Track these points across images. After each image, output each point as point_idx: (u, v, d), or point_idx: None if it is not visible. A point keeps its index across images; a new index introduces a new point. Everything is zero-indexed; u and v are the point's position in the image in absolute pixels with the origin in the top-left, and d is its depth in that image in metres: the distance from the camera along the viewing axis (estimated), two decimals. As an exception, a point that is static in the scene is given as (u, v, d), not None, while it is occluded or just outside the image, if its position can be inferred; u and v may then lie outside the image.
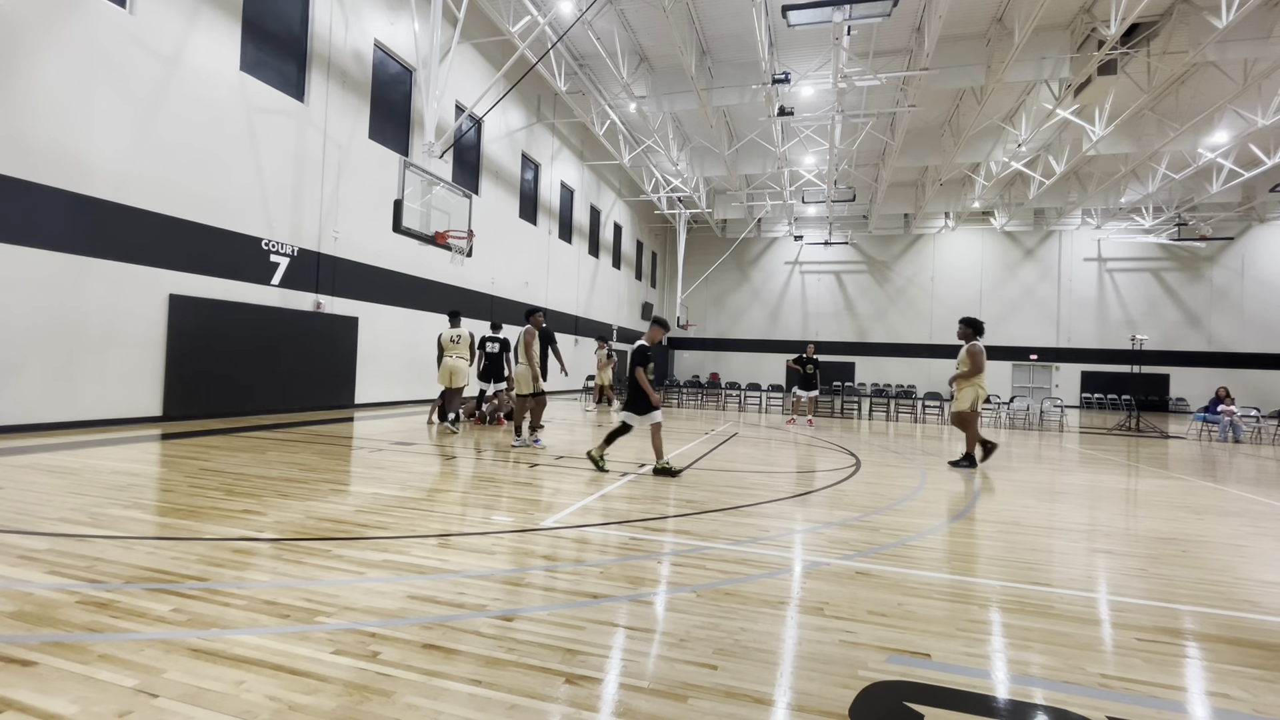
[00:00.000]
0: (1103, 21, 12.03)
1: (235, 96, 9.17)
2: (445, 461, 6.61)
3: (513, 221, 16.96)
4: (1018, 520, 4.97)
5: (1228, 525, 5.16)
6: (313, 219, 10.65)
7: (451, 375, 8.99)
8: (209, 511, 4.07)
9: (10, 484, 4.57)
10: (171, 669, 2.07)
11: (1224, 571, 3.81)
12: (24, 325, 6.84)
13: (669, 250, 31.88)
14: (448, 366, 8.99)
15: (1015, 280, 27.87)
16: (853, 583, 3.25)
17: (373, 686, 2.02)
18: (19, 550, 3.16)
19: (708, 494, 5.48)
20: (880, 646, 2.49)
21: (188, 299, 8.54)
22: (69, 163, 7.19)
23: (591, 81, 16.26)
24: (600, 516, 4.46)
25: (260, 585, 2.85)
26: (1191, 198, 22.30)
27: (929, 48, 12.30)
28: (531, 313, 7.88)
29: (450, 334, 9.08)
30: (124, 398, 7.89)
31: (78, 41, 7.23)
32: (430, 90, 10.09)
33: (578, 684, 2.10)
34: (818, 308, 30.02)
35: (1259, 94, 15.03)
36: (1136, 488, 7.03)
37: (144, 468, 5.43)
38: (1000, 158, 18.86)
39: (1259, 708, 2.15)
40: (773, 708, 2.01)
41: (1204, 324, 26.09)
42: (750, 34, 13.72)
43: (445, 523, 4.10)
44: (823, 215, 28.04)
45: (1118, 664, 2.44)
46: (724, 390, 20.35)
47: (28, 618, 2.41)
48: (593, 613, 2.70)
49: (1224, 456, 10.62)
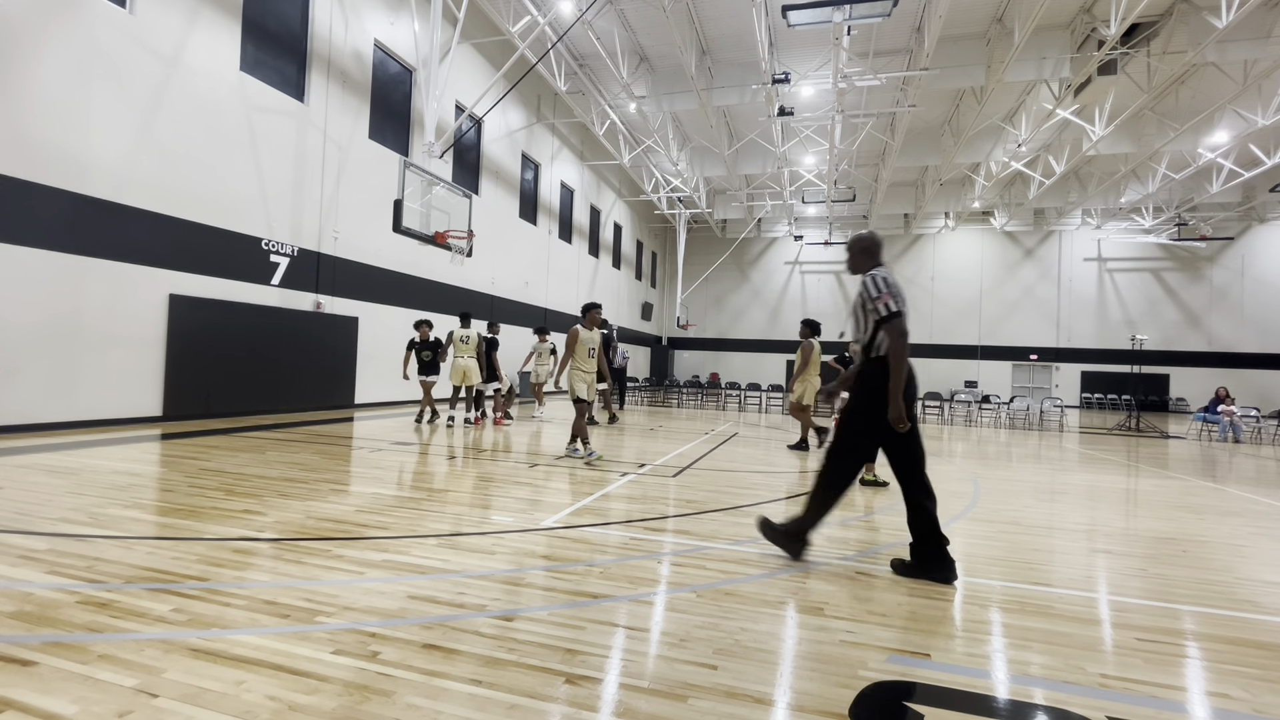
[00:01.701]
0: (1103, 21, 12.03)
1: (235, 96, 9.17)
2: (445, 461, 6.61)
3: (513, 221, 16.97)
4: (1018, 520, 4.97)
5: (1228, 525, 5.16)
6: (313, 219, 10.65)
7: (465, 374, 9.44)
8: (209, 511, 4.07)
9: (10, 484, 4.57)
10: (171, 669, 2.07)
11: (1224, 571, 3.81)
12: (24, 325, 6.84)
13: (669, 250, 31.89)
14: (460, 366, 9.42)
15: (1015, 280, 27.87)
16: (853, 583, 3.25)
17: (373, 686, 2.02)
18: (19, 550, 3.16)
19: (708, 494, 5.48)
20: (880, 646, 2.49)
21: (188, 299, 8.54)
22: (69, 163, 7.19)
23: (591, 81, 16.27)
24: (600, 516, 4.46)
25: (260, 585, 2.85)
26: (1191, 198, 22.30)
27: (929, 48, 12.30)
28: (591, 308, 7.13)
29: (461, 334, 9.48)
30: (124, 398, 7.89)
31: (78, 41, 7.23)
32: (430, 90, 10.09)
33: (578, 684, 2.10)
34: (818, 308, 30.01)
35: (1259, 94, 15.03)
36: (1136, 488, 7.03)
37: (144, 468, 5.43)
38: (1000, 158, 18.86)
39: (1259, 708, 2.15)
40: (773, 708, 2.01)
41: (1204, 324, 26.09)
42: (750, 34, 13.72)
43: (445, 522, 4.10)
44: (823, 215, 28.04)
45: (1118, 664, 2.44)
46: (724, 390, 20.35)
47: (28, 618, 2.41)
48: (593, 613, 2.70)
49: (1224, 456, 10.62)
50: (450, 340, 9.53)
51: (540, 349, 11.59)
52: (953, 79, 14.45)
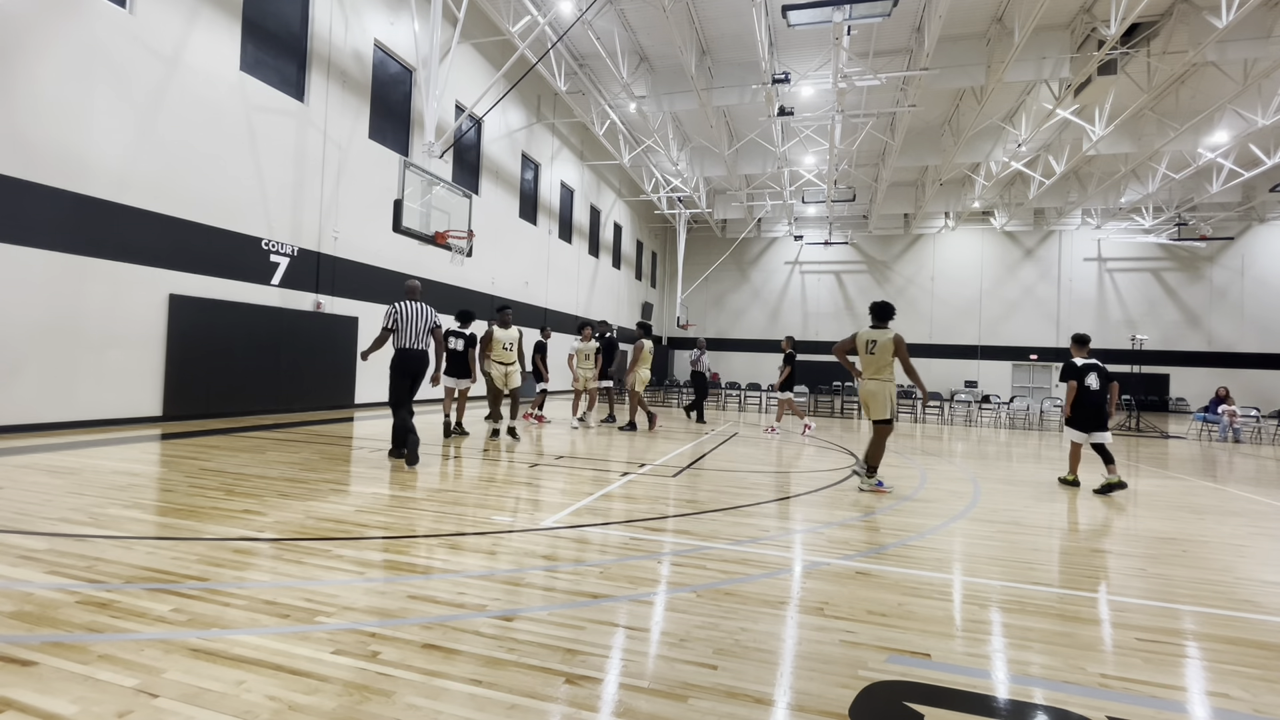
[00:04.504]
0: (1103, 21, 12.02)
1: (235, 96, 9.17)
2: (445, 461, 6.60)
3: (513, 221, 16.96)
4: (1018, 520, 4.97)
5: (1228, 525, 5.16)
6: (313, 219, 10.65)
7: (507, 378, 8.31)
8: (209, 511, 4.07)
9: (10, 484, 4.57)
10: (171, 669, 2.07)
11: (1224, 571, 3.81)
12: (24, 325, 6.84)
13: (669, 250, 31.87)
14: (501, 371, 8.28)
15: (1015, 280, 27.86)
16: (853, 583, 3.25)
17: (373, 686, 2.02)
18: (19, 550, 3.16)
19: (708, 494, 5.48)
20: (880, 646, 2.49)
21: (188, 299, 8.54)
22: (69, 163, 7.19)
23: (591, 81, 16.26)
24: (600, 516, 4.46)
25: (260, 585, 2.85)
26: (1191, 198, 22.30)
27: (929, 48, 12.29)
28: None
29: (504, 336, 8.32)
30: (124, 398, 7.89)
31: (78, 41, 7.23)
32: (430, 90, 10.09)
33: (578, 684, 2.10)
34: (818, 308, 30.01)
35: (1259, 94, 15.02)
36: (1136, 487, 7.02)
37: (144, 468, 5.43)
38: (1000, 158, 18.86)
39: (1259, 708, 2.15)
40: (773, 708, 2.01)
41: (1204, 324, 26.08)
42: (750, 34, 13.72)
43: (445, 522, 4.10)
44: (823, 215, 28.02)
45: (1118, 664, 2.44)
46: (724, 390, 20.34)
47: (28, 618, 2.41)
48: (593, 613, 2.70)
49: (1224, 456, 10.62)
50: (489, 341, 8.26)
51: (585, 350, 10.75)
52: (953, 79, 14.45)
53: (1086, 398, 6.77)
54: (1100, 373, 6.81)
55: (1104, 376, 6.81)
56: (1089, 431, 6.72)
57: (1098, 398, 6.75)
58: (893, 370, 5.92)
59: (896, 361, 5.86)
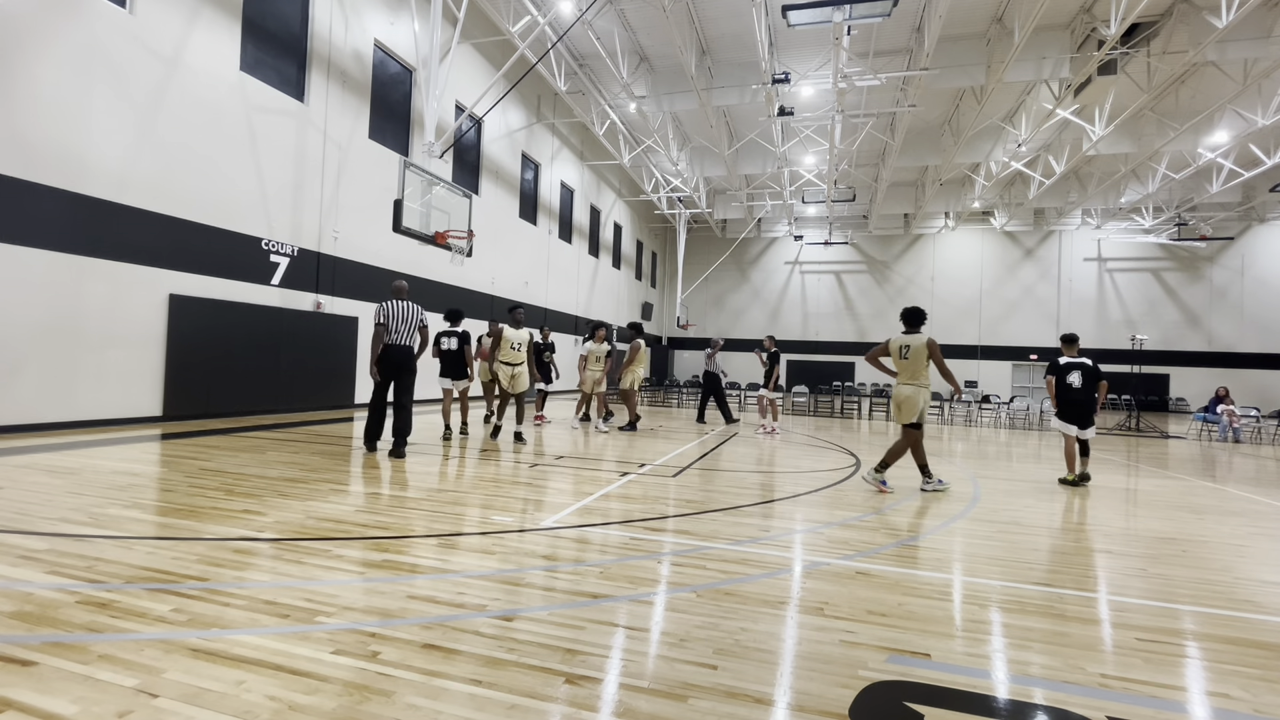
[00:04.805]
0: (1103, 21, 12.02)
1: (235, 96, 9.17)
2: (445, 462, 6.60)
3: (513, 221, 16.96)
4: (1018, 520, 4.97)
5: (1228, 525, 5.16)
6: (313, 219, 10.65)
7: (514, 380, 8.22)
8: (209, 511, 4.07)
9: (10, 484, 4.57)
10: (171, 669, 2.07)
11: (1224, 571, 3.81)
12: (24, 325, 6.84)
13: (669, 250, 31.87)
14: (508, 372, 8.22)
15: (1015, 280, 27.86)
16: (853, 583, 3.25)
17: (373, 686, 2.02)
18: (19, 550, 3.16)
19: (708, 494, 5.48)
20: (880, 646, 2.49)
21: (188, 299, 8.53)
22: (69, 163, 7.19)
23: (591, 81, 16.26)
24: (600, 516, 4.46)
25: (260, 585, 2.85)
26: (1191, 198, 22.29)
27: (929, 48, 12.29)
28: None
29: (514, 336, 8.25)
30: (124, 398, 7.89)
31: (78, 41, 7.23)
32: (430, 90, 10.08)
33: (578, 684, 2.10)
34: (818, 308, 30.00)
35: (1259, 94, 15.02)
36: (1136, 487, 7.03)
37: (144, 468, 5.43)
38: (1000, 158, 18.86)
39: (1259, 708, 2.15)
40: (773, 708, 2.01)
41: (1204, 324, 26.08)
42: (750, 34, 13.71)
43: (445, 522, 4.10)
44: (823, 215, 28.01)
45: (1118, 664, 2.44)
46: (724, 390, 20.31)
47: (28, 618, 2.41)
48: (593, 613, 2.70)
49: (1224, 456, 10.62)
50: (498, 341, 8.17)
51: (597, 352, 10.54)
52: (953, 79, 14.44)
53: (1069, 394, 6.88)
54: (1085, 371, 6.89)
55: (1090, 375, 6.87)
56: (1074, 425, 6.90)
57: (1081, 395, 6.81)
58: (927, 375, 5.98)
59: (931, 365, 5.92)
